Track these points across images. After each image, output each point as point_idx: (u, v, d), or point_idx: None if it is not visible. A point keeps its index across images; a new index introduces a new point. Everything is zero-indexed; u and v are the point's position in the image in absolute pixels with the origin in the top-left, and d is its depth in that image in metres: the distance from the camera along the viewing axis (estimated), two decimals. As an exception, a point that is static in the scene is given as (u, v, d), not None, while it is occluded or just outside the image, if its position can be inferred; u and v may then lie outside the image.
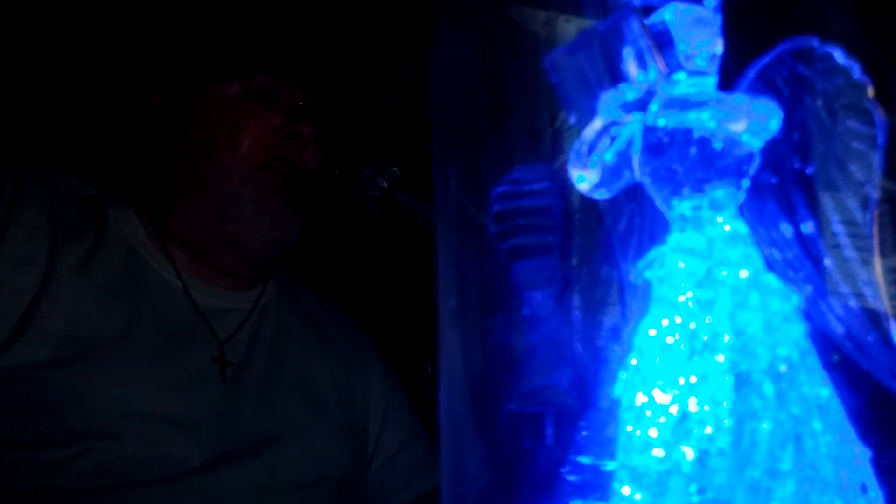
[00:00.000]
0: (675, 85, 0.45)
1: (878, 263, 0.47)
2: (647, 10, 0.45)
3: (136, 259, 1.10)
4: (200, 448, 1.01)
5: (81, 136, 1.43)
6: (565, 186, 0.58)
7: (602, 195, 0.49)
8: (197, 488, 0.99)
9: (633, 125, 0.47)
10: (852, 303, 0.47)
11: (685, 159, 0.45)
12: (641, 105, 0.45)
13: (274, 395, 1.12)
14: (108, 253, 1.07)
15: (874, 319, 0.46)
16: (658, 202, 0.47)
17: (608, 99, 0.45)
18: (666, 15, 0.45)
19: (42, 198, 1.06)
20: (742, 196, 0.46)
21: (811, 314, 0.46)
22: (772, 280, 0.45)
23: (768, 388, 0.43)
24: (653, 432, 0.44)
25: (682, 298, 0.45)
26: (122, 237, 1.11)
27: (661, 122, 0.45)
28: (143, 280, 1.09)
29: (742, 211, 0.47)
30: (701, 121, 0.44)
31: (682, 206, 0.46)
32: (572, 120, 0.47)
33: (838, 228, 0.47)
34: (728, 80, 0.46)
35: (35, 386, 0.96)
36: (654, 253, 0.48)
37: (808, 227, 0.47)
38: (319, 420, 1.15)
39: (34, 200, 1.05)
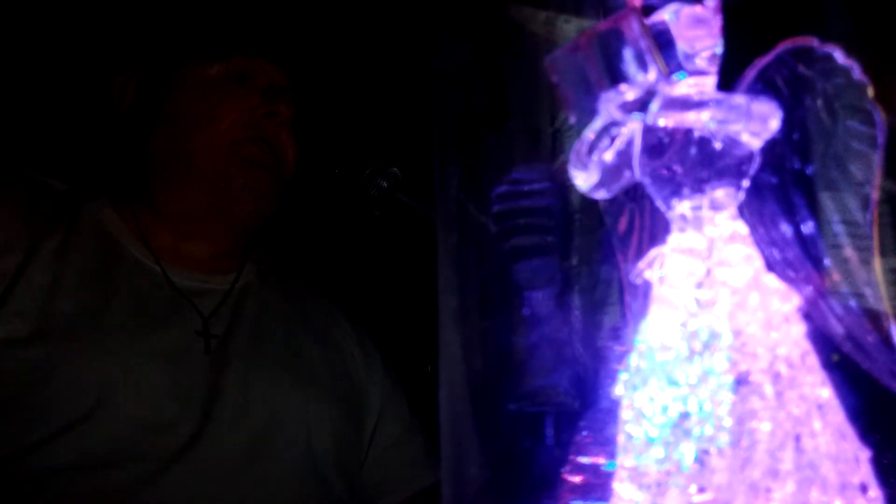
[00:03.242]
0: (675, 85, 0.45)
1: (878, 263, 0.47)
2: (647, 10, 0.45)
3: (113, 246, 1.12)
4: (187, 418, 1.02)
5: (54, 130, 1.43)
6: (565, 186, 0.58)
7: (602, 195, 0.49)
8: (185, 458, 0.99)
9: (633, 125, 0.47)
10: (852, 303, 0.47)
11: (685, 159, 0.45)
12: (641, 105, 0.45)
13: (259, 364, 1.13)
14: (85, 240, 1.09)
15: (874, 319, 0.46)
16: (658, 202, 0.47)
17: (608, 99, 0.45)
18: (666, 15, 0.45)
19: (16, 193, 1.08)
20: (742, 196, 0.46)
21: (811, 314, 0.46)
22: (772, 280, 0.45)
23: (768, 389, 0.43)
24: (653, 432, 0.44)
25: (682, 298, 0.45)
26: (98, 226, 1.12)
27: (661, 122, 0.45)
28: (120, 265, 1.11)
29: (742, 211, 0.47)
30: (701, 121, 0.44)
31: (682, 206, 0.47)
32: (572, 120, 0.47)
33: (838, 228, 0.47)
34: (728, 80, 0.46)
35: (16, 364, 0.97)
36: (654, 253, 0.48)
37: (808, 227, 0.47)
38: (306, 388, 1.15)
39: (8, 196, 1.07)
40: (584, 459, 0.56)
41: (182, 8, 1.22)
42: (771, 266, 0.47)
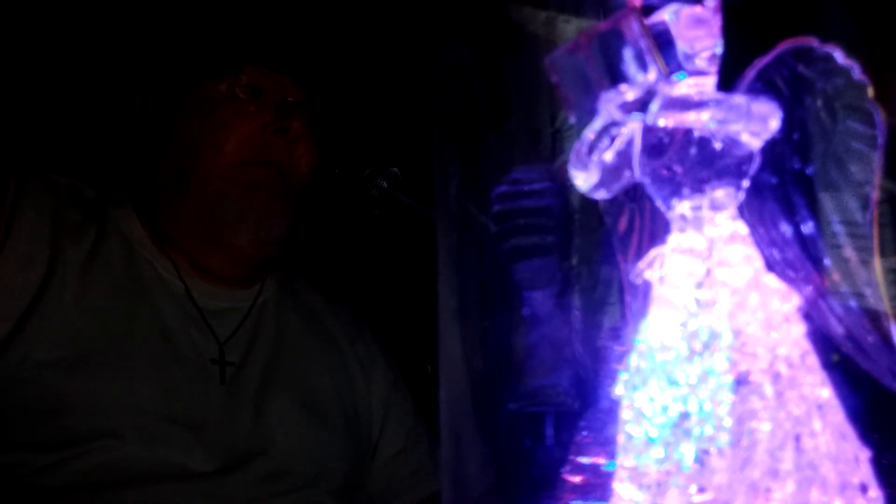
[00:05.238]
0: (675, 85, 0.45)
1: (878, 263, 0.47)
2: (647, 10, 0.45)
3: (137, 259, 1.10)
4: (201, 449, 1.01)
5: (83, 138, 1.44)
6: (565, 186, 0.58)
7: (602, 195, 0.49)
8: (198, 489, 0.99)
9: (633, 125, 0.47)
10: (852, 303, 0.47)
11: (685, 159, 0.45)
12: (641, 105, 0.45)
13: (273, 395, 1.12)
14: (110, 253, 1.08)
15: (874, 319, 0.46)
16: (658, 202, 0.47)
17: (608, 99, 0.45)
18: (666, 15, 0.45)
19: (44, 199, 1.06)
20: (742, 196, 0.46)
21: (811, 314, 0.46)
22: (772, 280, 0.45)
23: (768, 389, 0.43)
24: (653, 432, 0.44)
25: (682, 298, 0.45)
26: (123, 238, 1.11)
27: (661, 122, 0.45)
28: (143, 280, 1.09)
29: (742, 211, 0.47)
30: (701, 121, 0.44)
31: (682, 206, 0.47)
32: (572, 120, 0.47)
33: (838, 228, 0.47)
34: (728, 80, 0.46)
35: (36, 386, 0.96)
36: (654, 253, 0.48)
37: (808, 227, 0.47)
38: (318, 419, 1.14)
39: (37, 202, 1.05)
40: (584, 459, 0.56)
41: (194, 24, 1.22)
42: (771, 266, 0.47)
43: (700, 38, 0.45)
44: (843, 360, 0.46)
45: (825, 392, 0.44)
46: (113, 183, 1.21)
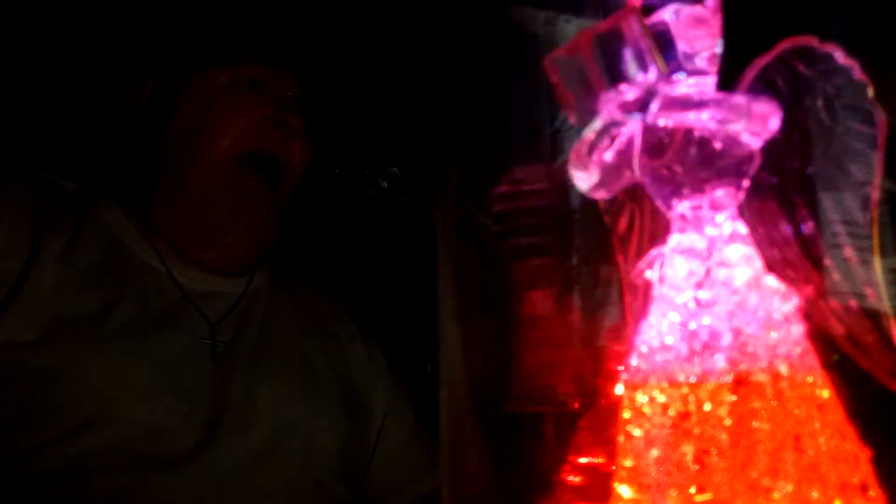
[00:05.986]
0: (675, 85, 0.45)
1: (878, 263, 0.47)
2: (647, 10, 0.45)
3: (120, 247, 1.11)
4: (191, 424, 1.01)
5: (68, 127, 1.43)
6: (565, 186, 0.58)
7: (602, 195, 0.49)
8: (187, 466, 0.99)
9: (633, 125, 0.47)
10: (852, 303, 0.47)
11: (685, 159, 0.45)
12: (641, 105, 0.45)
13: (264, 370, 1.12)
14: (91, 241, 1.09)
15: (874, 319, 0.46)
16: (658, 202, 0.47)
17: (608, 99, 0.45)
18: (666, 15, 0.45)
19: (23, 194, 1.07)
20: (742, 196, 0.46)
21: (811, 314, 0.46)
22: (772, 280, 0.45)
23: (768, 389, 0.43)
24: (653, 432, 0.44)
25: (682, 298, 0.45)
26: (105, 227, 1.12)
27: (661, 122, 0.45)
28: (127, 266, 1.10)
29: (742, 211, 0.47)
30: (701, 121, 0.44)
31: (682, 206, 0.47)
32: (572, 120, 0.47)
33: (838, 228, 0.47)
34: (728, 80, 0.46)
35: (22, 367, 0.97)
36: (654, 253, 0.48)
37: (808, 227, 0.47)
38: (311, 396, 1.15)
39: (15, 196, 1.06)
40: (583, 459, 0.56)
41: (198, 13, 1.22)
42: (771, 266, 0.47)
43: (700, 37, 0.45)
44: (843, 360, 0.46)
45: (825, 392, 0.44)
46: (95, 177, 1.21)
